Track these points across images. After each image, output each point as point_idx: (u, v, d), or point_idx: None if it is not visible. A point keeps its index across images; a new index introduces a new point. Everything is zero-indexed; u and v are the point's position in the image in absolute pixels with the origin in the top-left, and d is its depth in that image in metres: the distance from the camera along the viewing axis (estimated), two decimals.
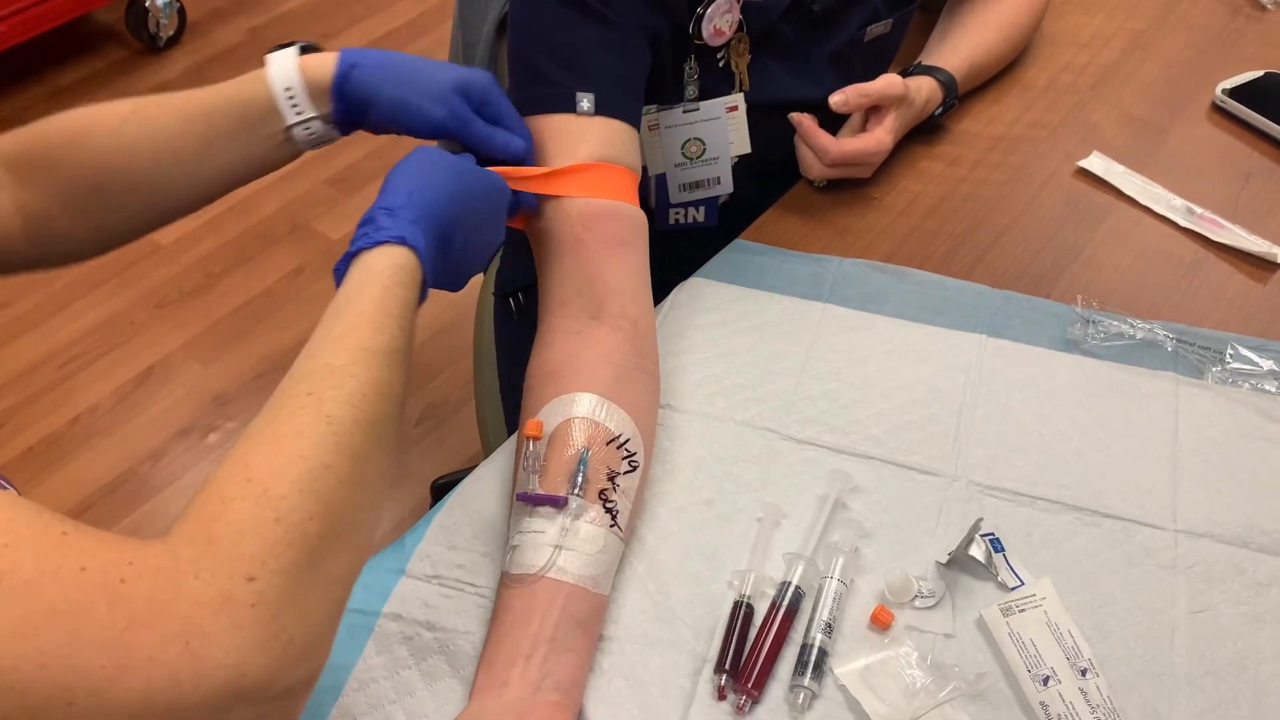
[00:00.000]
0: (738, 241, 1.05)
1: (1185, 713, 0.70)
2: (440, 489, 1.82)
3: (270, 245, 2.30)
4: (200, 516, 0.51)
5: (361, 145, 2.61)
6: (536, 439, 0.76)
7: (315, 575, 0.52)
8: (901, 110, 1.07)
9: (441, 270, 0.73)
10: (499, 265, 1.30)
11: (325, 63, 0.77)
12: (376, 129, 0.80)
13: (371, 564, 0.77)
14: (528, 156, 0.84)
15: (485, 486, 0.83)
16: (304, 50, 0.78)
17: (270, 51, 0.77)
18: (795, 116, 1.05)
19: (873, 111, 1.08)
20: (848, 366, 0.92)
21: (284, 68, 0.76)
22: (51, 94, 2.75)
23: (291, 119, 0.77)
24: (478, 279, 1.39)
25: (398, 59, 0.78)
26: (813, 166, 1.07)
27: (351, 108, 0.77)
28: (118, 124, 0.76)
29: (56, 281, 2.21)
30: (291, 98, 0.76)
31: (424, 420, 1.99)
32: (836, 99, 1.04)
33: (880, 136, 1.06)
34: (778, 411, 0.89)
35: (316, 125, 0.78)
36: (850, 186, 1.11)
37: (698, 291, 0.99)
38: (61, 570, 0.45)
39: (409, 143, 0.79)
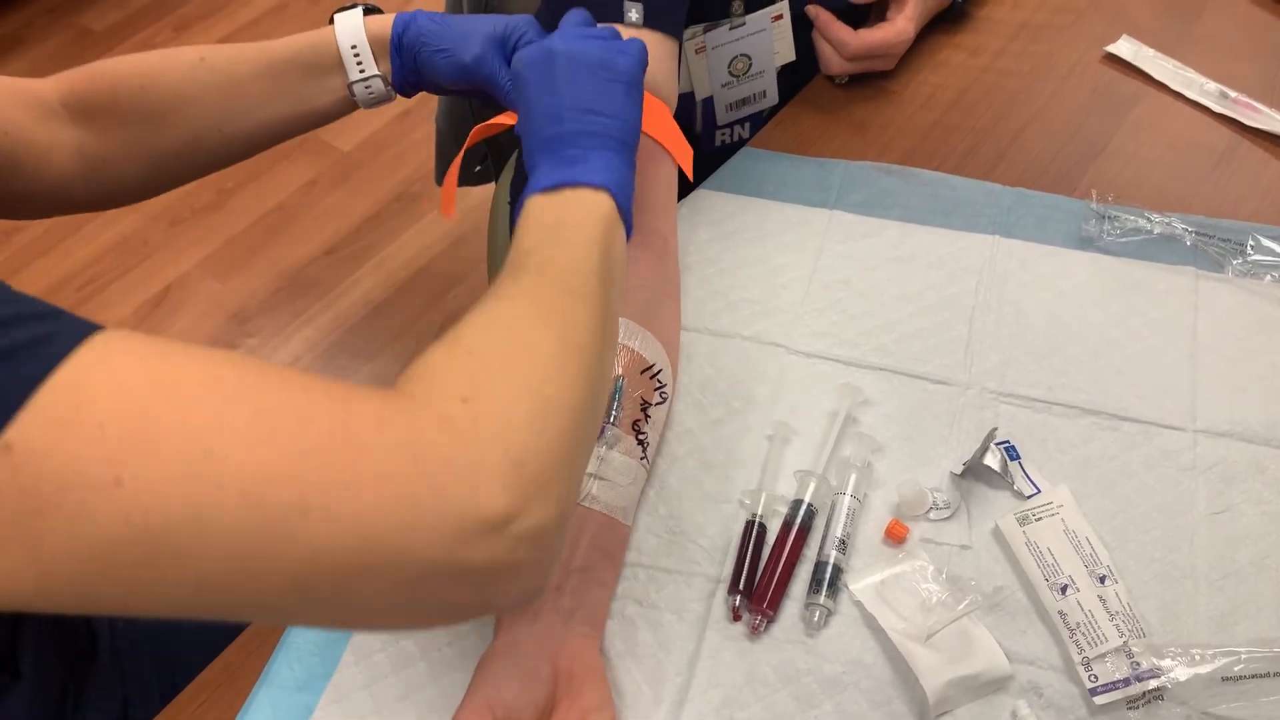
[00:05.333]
0: (745, 149, 1.02)
1: (1205, 615, 0.70)
2: None
3: (281, 159, 2.27)
4: (404, 373, 0.51)
5: None
6: None
7: (529, 395, 0.50)
8: None
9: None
10: (513, 174, 1.27)
11: (385, 23, 0.79)
12: (430, 88, 0.82)
13: None
14: None
15: None
16: (367, 11, 0.81)
17: (337, 11, 0.81)
18: (813, 9, 1.01)
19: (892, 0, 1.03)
20: (856, 275, 0.90)
21: (351, 26, 0.79)
22: (49, 10, 2.70)
23: (355, 75, 0.79)
24: (489, 189, 1.37)
25: (448, 17, 0.79)
26: (832, 61, 1.03)
27: (406, 65, 0.79)
28: (187, 70, 0.78)
29: None
30: (356, 55, 0.79)
31: (444, 332, 1.98)
32: None
33: (901, 26, 1.02)
34: (785, 325, 0.87)
35: (376, 84, 0.80)
36: (868, 80, 1.08)
37: (698, 204, 0.97)
38: (285, 390, 0.46)
39: None
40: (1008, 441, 0.78)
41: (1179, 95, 1.04)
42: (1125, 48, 1.08)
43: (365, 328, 2.01)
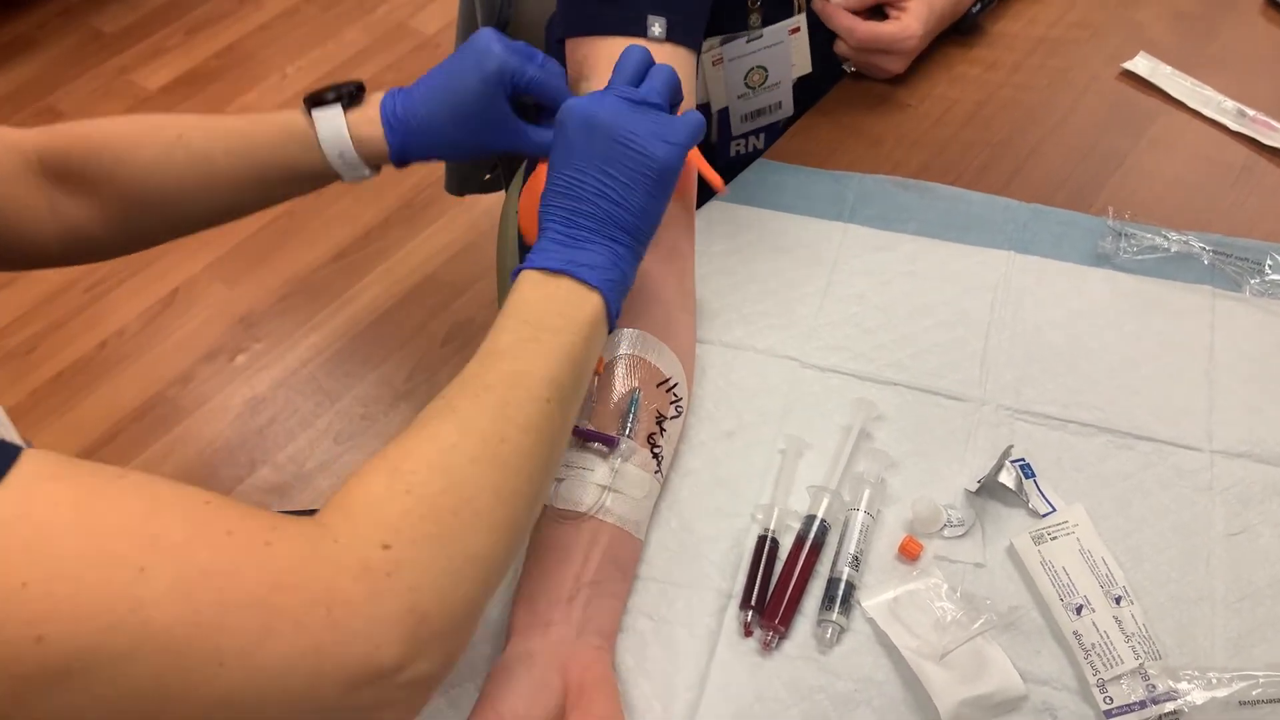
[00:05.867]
0: (760, 161, 1.01)
1: (1222, 638, 0.69)
2: None
3: None
4: (339, 494, 0.53)
5: (379, 57, 2.56)
6: (596, 374, 0.74)
7: (451, 550, 0.52)
8: None
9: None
10: (522, 182, 1.27)
11: (374, 123, 0.77)
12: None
13: None
14: None
15: None
16: (348, 98, 0.77)
17: (312, 106, 0.77)
18: (818, 2, 1.01)
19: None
20: (871, 289, 0.89)
21: (334, 132, 0.76)
22: (62, 11, 2.71)
23: (347, 176, 0.79)
24: (499, 197, 1.37)
25: (435, 91, 0.77)
26: (841, 45, 1.04)
27: (409, 157, 0.78)
28: (164, 149, 0.76)
29: None
30: (342, 156, 0.77)
31: (449, 340, 1.98)
32: None
33: (906, 23, 1.02)
34: (799, 339, 0.86)
35: (367, 172, 0.80)
36: (883, 94, 1.07)
37: (713, 216, 0.96)
38: (209, 533, 0.47)
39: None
40: (1023, 459, 0.77)
41: (1196, 113, 1.04)
42: (1142, 64, 1.08)
43: (372, 334, 2.01)
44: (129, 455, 1.83)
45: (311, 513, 0.53)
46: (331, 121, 0.76)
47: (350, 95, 0.77)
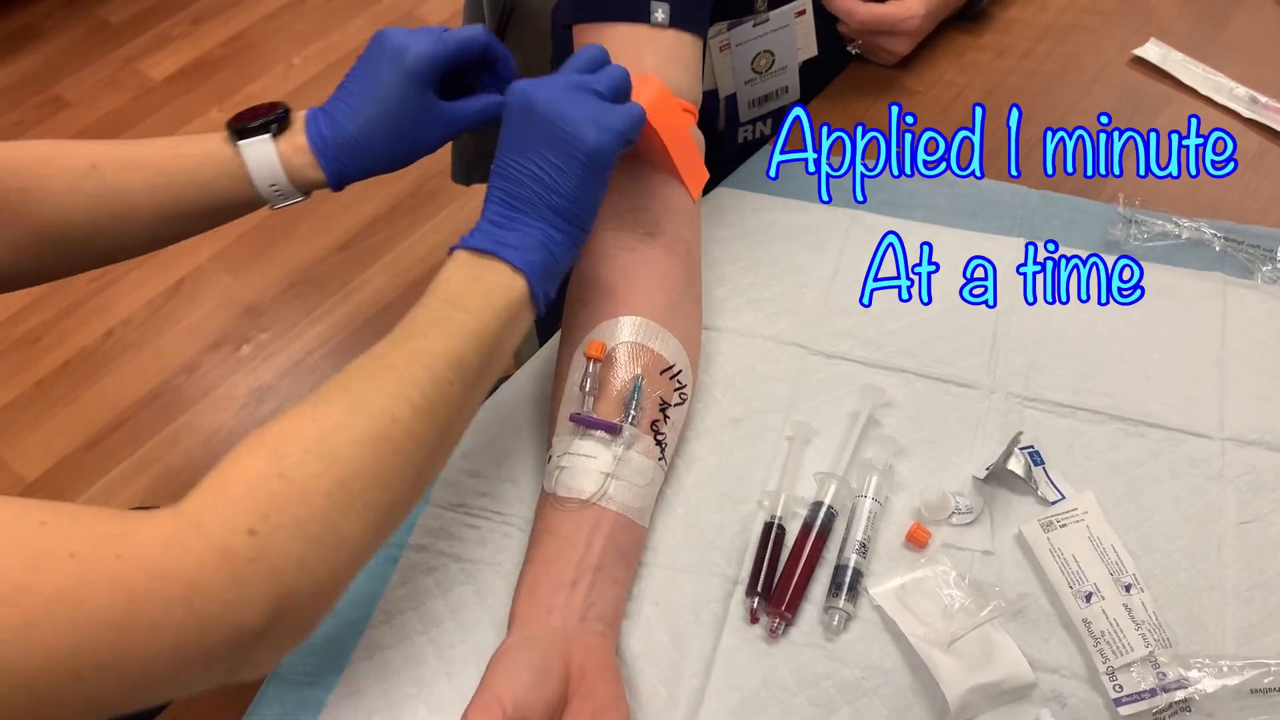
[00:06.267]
0: (769, 147, 1.01)
1: (1233, 626, 0.68)
2: None
3: None
4: (213, 474, 0.52)
5: None
6: (598, 361, 0.73)
7: (319, 531, 0.52)
8: None
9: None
10: None
11: (305, 151, 0.72)
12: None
13: None
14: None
15: (504, 410, 0.81)
16: (276, 126, 0.72)
17: (238, 135, 0.72)
18: None
19: None
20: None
21: (264, 164, 0.72)
22: (68, 1, 2.71)
23: (277, 204, 0.75)
24: None
25: (360, 106, 0.72)
26: (842, 26, 1.04)
27: (347, 180, 0.75)
28: (75, 181, 0.71)
29: None
30: (275, 188, 0.73)
31: None
32: None
33: (908, 3, 1.02)
34: (807, 325, 0.86)
35: (299, 198, 0.75)
36: (891, 80, 1.06)
37: (719, 202, 0.96)
38: (50, 562, 0.45)
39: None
40: (1032, 446, 0.77)
41: (1208, 100, 1.03)
42: (1153, 51, 1.07)
43: (377, 324, 2.00)
44: (134, 444, 1.84)
45: None
46: (261, 153, 0.72)
47: (279, 121, 0.73)
